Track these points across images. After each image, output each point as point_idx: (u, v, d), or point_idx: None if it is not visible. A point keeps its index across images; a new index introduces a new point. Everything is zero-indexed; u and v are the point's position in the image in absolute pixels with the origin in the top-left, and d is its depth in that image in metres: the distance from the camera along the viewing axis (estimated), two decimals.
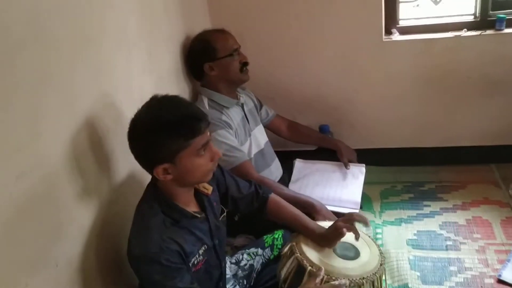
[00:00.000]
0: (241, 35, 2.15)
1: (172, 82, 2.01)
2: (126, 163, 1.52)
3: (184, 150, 1.28)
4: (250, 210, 1.69)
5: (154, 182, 1.38)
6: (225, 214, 1.58)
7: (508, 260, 1.92)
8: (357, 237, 1.53)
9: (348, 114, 2.62)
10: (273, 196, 1.70)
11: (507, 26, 2.30)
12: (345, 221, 1.51)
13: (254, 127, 2.26)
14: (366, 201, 2.43)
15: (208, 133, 1.35)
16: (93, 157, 1.40)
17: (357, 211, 2.06)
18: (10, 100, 1.07)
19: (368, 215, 2.30)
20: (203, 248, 1.40)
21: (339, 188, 2.16)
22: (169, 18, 2.02)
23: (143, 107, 1.34)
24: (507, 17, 2.29)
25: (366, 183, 2.54)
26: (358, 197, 2.10)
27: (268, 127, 2.43)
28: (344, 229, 1.47)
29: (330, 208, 1.98)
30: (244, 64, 2.11)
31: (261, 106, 2.40)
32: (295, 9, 2.42)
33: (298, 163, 2.34)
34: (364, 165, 2.29)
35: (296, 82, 2.60)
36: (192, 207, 1.43)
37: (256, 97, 2.37)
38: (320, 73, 2.55)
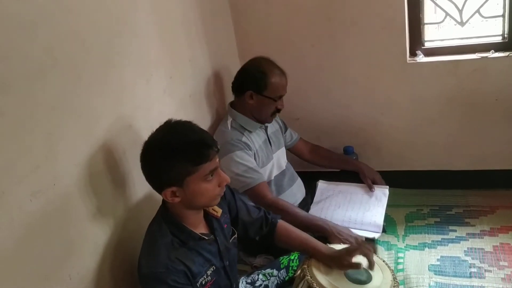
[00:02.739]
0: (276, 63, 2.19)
1: (194, 105, 2.08)
2: (142, 184, 1.56)
3: (192, 175, 1.32)
4: (259, 235, 1.71)
5: (164, 204, 1.43)
6: (236, 235, 1.61)
7: None
8: (371, 266, 1.52)
9: (373, 136, 2.61)
10: (281, 222, 1.72)
11: None
12: (350, 253, 1.50)
13: (277, 149, 2.29)
14: (390, 224, 2.39)
15: (217, 160, 1.39)
16: (109, 178, 1.46)
17: (379, 234, 2.04)
18: (28, 124, 1.15)
19: (391, 239, 2.27)
20: (212, 269, 1.43)
21: (361, 211, 2.14)
22: (191, 43, 2.09)
23: (156, 130, 1.40)
24: None
25: (391, 205, 2.51)
26: (380, 220, 2.08)
27: (291, 150, 2.46)
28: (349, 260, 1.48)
29: (352, 231, 1.98)
30: (278, 110, 2.14)
31: (286, 128, 2.42)
32: (318, 33, 2.45)
33: (321, 185, 2.35)
34: (387, 187, 2.27)
35: (321, 103, 2.62)
36: (201, 229, 1.47)
37: (281, 120, 2.40)
38: (345, 95, 2.56)
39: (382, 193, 2.24)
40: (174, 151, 1.31)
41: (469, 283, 1.95)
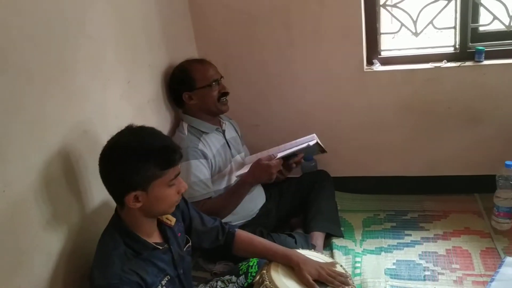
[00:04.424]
0: (226, 64, 2.20)
1: (152, 110, 2.05)
2: (99, 191, 1.54)
3: (158, 179, 1.32)
4: (215, 245, 1.70)
5: (117, 213, 1.41)
6: (190, 244, 1.60)
7: None
8: None
9: (332, 142, 2.62)
10: (240, 231, 1.72)
11: (486, 58, 2.34)
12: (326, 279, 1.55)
13: (237, 153, 2.29)
14: (348, 229, 2.44)
15: (179, 166, 1.39)
16: (64, 184, 1.43)
17: (314, 141, 2.06)
18: None
19: (349, 244, 2.31)
20: (166, 278, 1.42)
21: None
22: (151, 47, 2.06)
23: (118, 134, 1.37)
24: (486, 49, 2.34)
25: (349, 211, 2.59)
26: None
27: None
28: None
29: (288, 150, 2.04)
30: (223, 94, 2.15)
31: (243, 143, 2.44)
32: (278, 40, 2.48)
33: (249, 159, 2.28)
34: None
35: (281, 110, 2.64)
36: (155, 238, 1.45)
37: (240, 133, 2.41)
38: (303, 102, 2.60)
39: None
40: (144, 154, 1.31)
41: (423, 286, 2.00)
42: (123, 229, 1.38)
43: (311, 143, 2.04)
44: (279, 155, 2.03)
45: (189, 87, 2.10)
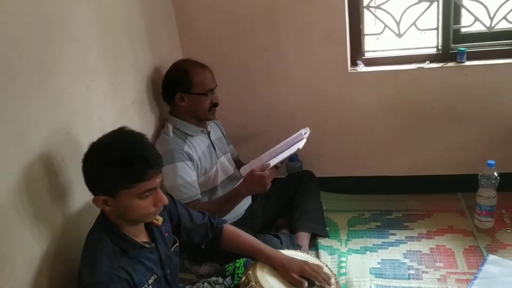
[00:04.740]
0: (211, 65, 2.18)
1: (136, 112, 2.04)
2: (83, 192, 1.50)
3: (125, 189, 1.29)
4: (204, 241, 1.70)
5: (103, 212, 1.40)
6: (177, 244, 1.60)
7: None
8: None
9: (317, 143, 2.65)
10: (228, 225, 1.72)
11: (468, 59, 2.38)
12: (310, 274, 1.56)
13: (222, 154, 2.29)
14: (333, 229, 2.45)
15: (159, 180, 1.34)
16: (47, 186, 1.41)
17: (304, 140, 2.03)
18: None
19: (334, 243, 2.32)
20: (153, 278, 1.41)
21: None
22: (134, 48, 2.05)
23: (105, 135, 1.36)
24: (468, 50, 2.37)
25: (334, 211, 2.60)
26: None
27: None
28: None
29: (281, 156, 2.00)
30: (214, 104, 2.14)
31: (229, 143, 2.44)
32: (263, 41, 2.48)
33: (244, 170, 2.20)
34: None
35: (266, 111, 2.65)
36: (142, 237, 1.45)
37: (225, 132, 2.40)
38: (289, 103, 2.60)
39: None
40: (112, 163, 1.28)
41: (407, 285, 2.02)
42: (110, 228, 1.37)
43: (301, 145, 2.02)
44: (272, 163, 1.99)
45: (185, 88, 2.08)
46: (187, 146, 2.06)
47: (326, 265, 1.71)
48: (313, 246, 2.29)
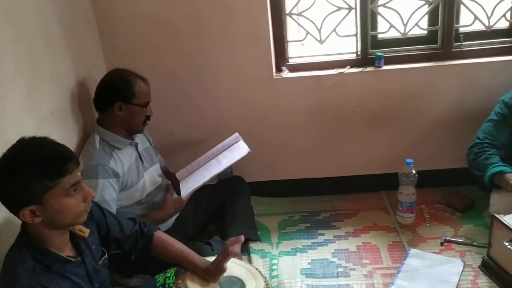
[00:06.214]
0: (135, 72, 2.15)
1: (57, 122, 1.95)
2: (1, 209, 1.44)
3: (50, 190, 1.25)
4: (135, 249, 1.67)
5: (24, 227, 1.33)
6: (106, 256, 1.55)
7: (392, 283, 2.03)
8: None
9: None
10: (159, 233, 1.69)
11: (385, 63, 2.51)
12: (224, 257, 1.54)
13: (149, 166, 2.25)
14: (264, 232, 2.49)
15: (79, 173, 1.32)
16: None
17: (246, 150, 2.27)
18: None
19: (265, 247, 2.35)
20: None
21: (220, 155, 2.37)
22: (52, 56, 1.97)
23: (8, 149, 1.29)
24: (385, 55, 2.50)
25: (265, 214, 2.63)
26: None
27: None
28: (225, 265, 1.51)
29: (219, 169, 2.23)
30: (147, 117, 2.13)
31: (156, 152, 2.41)
32: (188, 48, 2.47)
33: (180, 174, 2.41)
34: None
35: (194, 118, 2.64)
36: (67, 251, 1.39)
37: (152, 141, 2.37)
38: (217, 109, 2.61)
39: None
40: (28, 167, 1.22)
41: (336, 283, 2.09)
42: (31, 244, 1.30)
43: (245, 150, 2.27)
44: (208, 177, 2.21)
45: (126, 98, 2.03)
46: (113, 161, 2.00)
47: (257, 269, 1.73)
48: (245, 251, 2.30)
